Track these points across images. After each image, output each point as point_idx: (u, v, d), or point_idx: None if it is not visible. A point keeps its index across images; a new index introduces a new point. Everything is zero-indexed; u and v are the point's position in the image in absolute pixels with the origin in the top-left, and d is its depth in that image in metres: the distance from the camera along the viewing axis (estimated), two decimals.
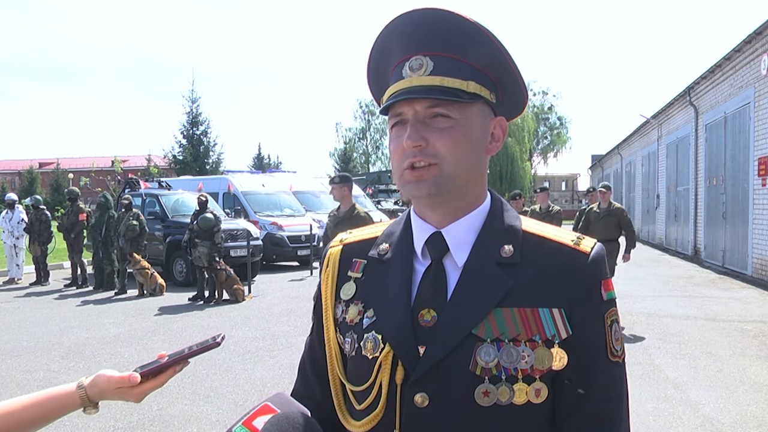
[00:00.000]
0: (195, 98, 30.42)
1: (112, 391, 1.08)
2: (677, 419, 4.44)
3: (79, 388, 1.09)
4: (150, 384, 1.09)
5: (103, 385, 1.08)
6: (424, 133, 0.93)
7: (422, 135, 0.92)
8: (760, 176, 11.24)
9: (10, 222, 12.73)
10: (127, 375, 1.08)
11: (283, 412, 0.97)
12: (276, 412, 0.98)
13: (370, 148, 54.97)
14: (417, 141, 0.92)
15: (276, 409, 0.99)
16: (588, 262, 0.95)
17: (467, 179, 0.96)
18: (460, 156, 0.94)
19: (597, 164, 39.83)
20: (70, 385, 1.11)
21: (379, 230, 1.09)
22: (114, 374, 1.09)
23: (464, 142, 0.94)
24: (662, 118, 20.31)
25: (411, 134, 0.92)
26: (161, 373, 1.09)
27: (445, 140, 0.92)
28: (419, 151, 0.93)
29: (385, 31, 0.98)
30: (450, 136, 0.93)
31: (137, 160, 46.28)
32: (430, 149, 0.93)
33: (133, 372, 1.08)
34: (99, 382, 1.09)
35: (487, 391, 0.89)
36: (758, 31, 11.11)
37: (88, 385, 1.09)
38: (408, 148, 0.93)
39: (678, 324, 7.72)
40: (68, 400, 1.09)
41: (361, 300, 1.01)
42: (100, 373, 1.10)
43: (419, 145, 0.92)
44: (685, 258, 16.42)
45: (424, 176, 0.93)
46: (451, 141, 0.93)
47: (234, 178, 16.21)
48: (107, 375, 1.09)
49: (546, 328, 0.91)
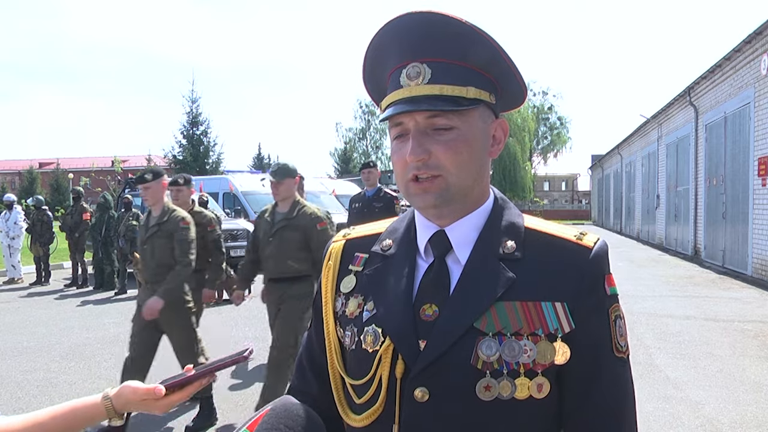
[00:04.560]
0: (195, 98, 30.42)
1: (138, 402, 1.11)
2: (677, 419, 4.44)
3: (104, 399, 1.11)
4: (175, 396, 1.11)
5: (129, 397, 1.10)
6: (427, 146, 0.92)
7: (425, 148, 0.92)
8: (760, 176, 11.24)
9: (6, 222, 12.73)
10: (152, 387, 1.10)
11: (282, 405, 0.97)
12: None
13: (370, 148, 54.97)
14: (420, 155, 0.92)
15: None
16: (591, 256, 0.95)
17: (471, 186, 0.97)
18: (463, 166, 0.94)
19: (597, 164, 39.81)
20: (96, 396, 1.12)
21: (382, 227, 1.10)
22: (140, 386, 1.11)
23: (467, 152, 0.94)
24: (662, 118, 20.30)
25: (414, 148, 0.92)
26: (187, 386, 1.11)
27: (448, 152, 0.92)
28: (423, 164, 0.93)
29: (380, 34, 0.96)
30: (452, 149, 0.93)
31: (137, 160, 46.30)
32: (433, 161, 0.93)
33: (159, 384, 1.10)
34: (124, 394, 1.11)
35: (488, 386, 0.89)
36: (758, 31, 11.11)
37: (114, 396, 1.11)
38: (411, 162, 0.93)
39: (678, 324, 7.72)
40: (94, 411, 1.11)
41: (361, 293, 1.01)
42: (126, 385, 1.12)
43: (422, 158, 0.92)
44: (685, 258, 16.41)
45: (429, 189, 0.94)
46: (453, 153, 0.93)
47: (234, 178, 16.20)
48: (132, 386, 1.11)
49: (549, 322, 0.91)
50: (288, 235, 4.21)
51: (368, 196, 6.12)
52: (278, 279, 4.26)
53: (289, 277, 4.23)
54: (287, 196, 4.29)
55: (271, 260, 4.25)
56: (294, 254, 4.20)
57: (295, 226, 4.21)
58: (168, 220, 4.23)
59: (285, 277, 4.23)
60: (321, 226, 4.24)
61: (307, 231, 4.21)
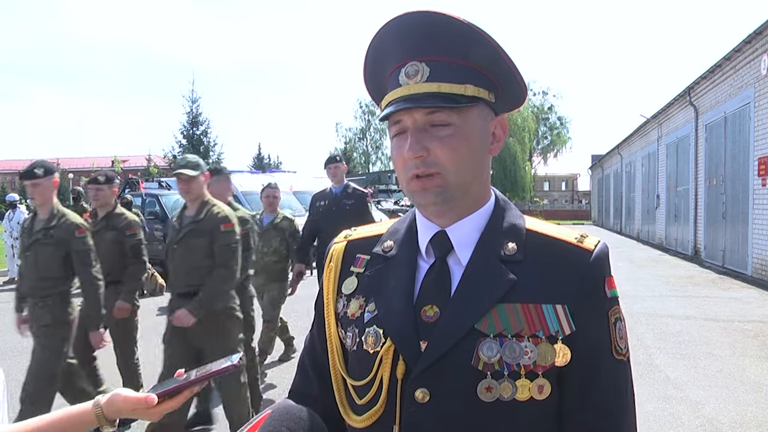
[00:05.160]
0: (195, 98, 30.42)
1: (129, 410, 1.11)
2: (677, 419, 4.44)
3: (95, 407, 1.11)
4: (167, 404, 1.11)
5: (120, 405, 1.11)
6: (425, 143, 0.93)
7: (423, 145, 0.93)
8: (760, 176, 11.24)
9: (10, 222, 12.76)
10: (143, 396, 1.10)
11: (284, 407, 0.97)
12: None
13: (370, 148, 55.02)
14: (418, 152, 0.92)
15: None
16: (591, 259, 0.96)
17: (471, 183, 0.97)
18: (462, 163, 0.94)
19: (597, 164, 39.82)
20: (88, 403, 1.13)
21: (384, 228, 1.10)
22: (131, 394, 1.11)
23: (465, 148, 0.94)
24: (662, 118, 20.30)
25: (412, 145, 0.93)
26: (178, 394, 1.11)
27: (446, 149, 0.93)
28: (421, 161, 0.93)
29: (379, 34, 0.97)
30: (450, 145, 0.93)
31: (137, 160, 46.27)
32: (431, 158, 0.93)
33: (150, 393, 1.10)
34: (116, 401, 1.11)
35: (489, 387, 0.89)
36: (758, 31, 11.11)
37: (105, 404, 1.11)
38: (410, 159, 0.93)
39: (678, 324, 7.72)
40: (85, 418, 1.12)
41: (363, 294, 1.02)
42: (117, 393, 1.12)
43: (421, 155, 0.93)
44: (685, 258, 16.42)
45: (429, 186, 0.94)
46: (452, 149, 0.93)
47: (234, 178, 16.16)
48: (123, 395, 1.11)
49: (549, 324, 0.91)
50: (193, 242, 3.57)
51: (336, 194, 5.56)
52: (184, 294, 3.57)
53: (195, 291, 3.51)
54: (198, 196, 3.65)
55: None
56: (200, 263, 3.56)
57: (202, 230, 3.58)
58: (57, 225, 3.65)
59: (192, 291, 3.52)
60: (226, 228, 3.60)
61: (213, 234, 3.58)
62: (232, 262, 3.62)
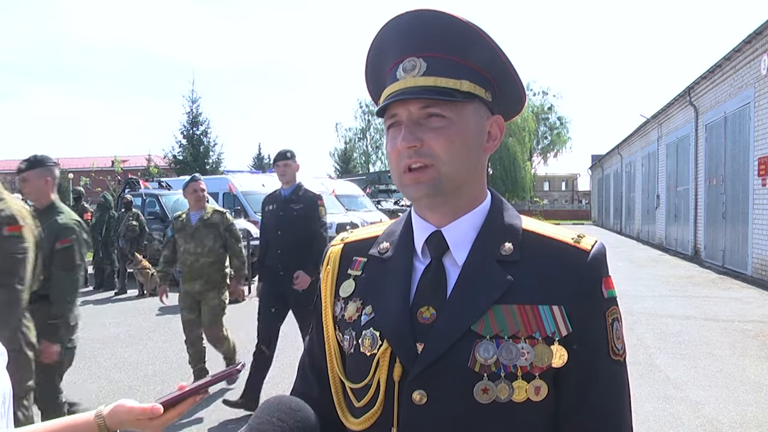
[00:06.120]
0: (195, 98, 30.34)
1: (132, 422, 1.09)
2: (677, 419, 4.44)
3: (97, 418, 1.09)
4: (169, 414, 1.09)
5: (123, 416, 1.09)
6: (419, 134, 0.93)
7: (417, 135, 0.93)
8: (760, 176, 11.24)
9: None
10: (149, 407, 1.08)
11: (276, 399, 0.97)
12: None
13: (370, 148, 55.06)
14: (411, 142, 0.92)
15: None
16: (588, 259, 0.95)
17: (465, 178, 0.97)
18: (455, 155, 0.94)
19: (597, 164, 39.81)
20: (90, 413, 1.11)
21: (380, 230, 1.09)
22: (135, 405, 1.09)
23: (459, 142, 0.94)
24: (662, 118, 20.31)
25: (405, 135, 0.93)
26: (180, 403, 1.10)
27: (439, 140, 0.92)
28: (414, 151, 0.93)
29: (381, 33, 0.98)
30: (444, 136, 0.93)
31: (137, 160, 46.20)
32: (425, 149, 0.93)
33: (156, 404, 1.08)
34: (119, 413, 1.09)
35: (486, 389, 0.89)
36: (758, 31, 11.11)
37: (107, 415, 1.09)
38: (403, 150, 0.93)
39: (678, 324, 7.72)
40: (86, 428, 1.10)
41: (360, 297, 1.01)
42: (120, 403, 1.10)
43: (414, 145, 0.93)
44: (685, 258, 16.42)
45: (421, 178, 0.94)
46: (445, 140, 0.93)
47: (234, 178, 16.19)
48: (128, 406, 1.09)
49: (546, 325, 0.91)
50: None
51: (284, 196, 4.72)
52: None
53: None
54: None
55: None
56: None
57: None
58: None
59: None
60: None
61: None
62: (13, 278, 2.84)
